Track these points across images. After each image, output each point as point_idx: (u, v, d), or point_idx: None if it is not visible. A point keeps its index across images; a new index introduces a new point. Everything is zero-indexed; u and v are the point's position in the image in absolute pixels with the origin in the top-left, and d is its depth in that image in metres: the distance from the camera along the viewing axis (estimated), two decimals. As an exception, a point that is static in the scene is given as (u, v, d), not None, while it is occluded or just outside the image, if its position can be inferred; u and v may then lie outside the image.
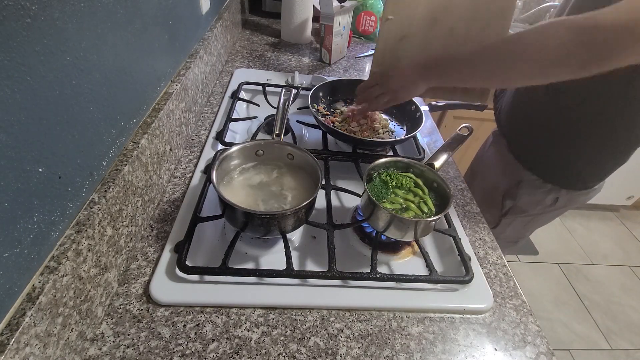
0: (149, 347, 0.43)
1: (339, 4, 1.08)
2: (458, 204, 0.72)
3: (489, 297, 0.54)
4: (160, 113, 0.58)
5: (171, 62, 0.67)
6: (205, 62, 0.84)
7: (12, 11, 0.29)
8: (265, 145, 0.59)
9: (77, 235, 0.38)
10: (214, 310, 0.47)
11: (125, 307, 0.46)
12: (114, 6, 0.45)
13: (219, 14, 1.01)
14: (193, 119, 0.77)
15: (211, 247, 0.55)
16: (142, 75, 0.55)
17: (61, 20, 0.35)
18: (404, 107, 0.86)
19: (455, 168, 0.81)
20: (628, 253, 2.04)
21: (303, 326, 0.47)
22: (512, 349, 0.49)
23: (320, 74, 1.08)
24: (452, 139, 0.66)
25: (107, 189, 0.44)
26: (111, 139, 0.47)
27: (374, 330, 0.48)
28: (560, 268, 1.89)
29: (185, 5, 0.73)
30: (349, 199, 0.68)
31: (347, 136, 0.73)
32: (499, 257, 0.62)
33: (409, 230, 0.53)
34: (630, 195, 2.15)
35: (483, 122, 1.69)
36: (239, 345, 0.44)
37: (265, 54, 1.16)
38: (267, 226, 0.50)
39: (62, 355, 0.37)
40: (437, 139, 0.90)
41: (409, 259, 0.59)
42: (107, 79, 0.45)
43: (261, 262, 0.55)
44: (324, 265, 0.53)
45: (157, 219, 0.57)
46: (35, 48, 0.32)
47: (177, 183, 0.64)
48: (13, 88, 0.30)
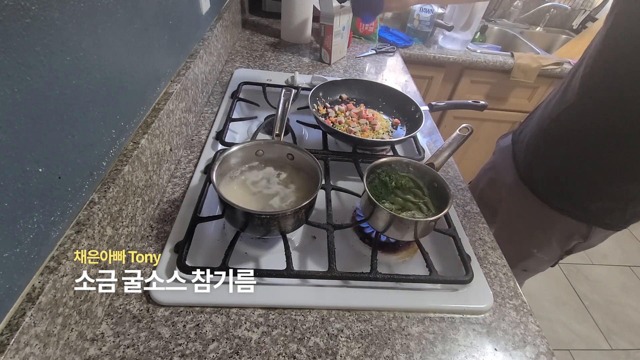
0: (149, 347, 0.43)
1: (339, 4, 1.08)
2: (458, 204, 0.72)
3: (489, 297, 0.54)
4: (160, 113, 0.58)
5: (171, 62, 0.67)
6: (205, 62, 0.84)
7: (12, 11, 0.29)
8: (265, 145, 0.59)
9: (77, 235, 0.38)
10: (214, 310, 0.47)
11: (125, 307, 0.46)
12: (114, 6, 0.45)
13: (219, 14, 1.01)
14: (193, 119, 0.77)
15: (211, 247, 0.55)
16: (142, 75, 0.55)
17: (61, 20, 0.35)
18: (404, 107, 0.86)
19: (455, 168, 0.81)
20: (628, 253, 2.04)
21: (303, 326, 0.47)
22: (512, 349, 0.49)
23: (320, 74, 1.08)
24: (452, 139, 0.66)
25: (107, 189, 0.44)
26: (111, 139, 0.47)
27: (374, 330, 0.48)
28: (560, 268, 1.89)
29: (185, 5, 0.73)
30: (349, 199, 0.68)
31: (347, 136, 0.73)
32: (499, 257, 0.62)
33: (409, 230, 0.53)
34: (631, 195, 2.15)
35: (483, 122, 1.69)
36: (239, 345, 0.44)
37: (265, 54, 1.16)
38: (267, 226, 0.50)
39: (62, 355, 0.37)
40: (437, 139, 0.90)
41: (409, 259, 0.59)
42: (107, 79, 0.45)
43: (261, 262, 0.55)
44: (324, 265, 0.53)
45: (157, 219, 0.57)
46: (35, 48, 0.32)
47: (177, 183, 0.64)
48: (13, 88, 0.30)
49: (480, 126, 1.70)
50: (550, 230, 0.78)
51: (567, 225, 0.75)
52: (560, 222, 0.75)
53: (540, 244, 0.82)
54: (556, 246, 0.80)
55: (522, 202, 0.82)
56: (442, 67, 1.51)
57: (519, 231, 0.84)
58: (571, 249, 0.79)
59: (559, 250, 0.81)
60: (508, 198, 0.87)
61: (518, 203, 0.84)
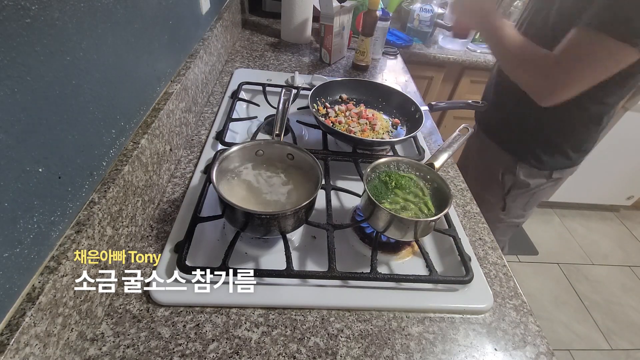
0: (149, 347, 0.43)
1: (339, 4, 1.09)
2: (458, 204, 0.72)
3: (489, 297, 0.54)
4: (160, 113, 0.58)
5: (171, 62, 0.67)
6: (205, 62, 0.84)
7: (12, 11, 0.29)
8: (265, 145, 0.59)
9: (77, 235, 0.38)
10: (214, 310, 0.47)
11: (125, 307, 0.46)
12: (114, 6, 0.45)
13: (219, 14, 1.01)
14: (193, 119, 0.77)
15: (211, 247, 0.55)
16: (142, 75, 0.55)
17: (61, 20, 0.35)
18: (404, 107, 0.86)
19: (455, 168, 0.81)
20: (628, 253, 2.03)
21: (303, 326, 0.47)
22: (512, 349, 0.49)
23: (320, 74, 1.08)
24: (452, 139, 0.66)
25: (107, 189, 0.44)
26: (111, 139, 0.47)
27: (374, 330, 0.48)
28: (560, 268, 1.89)
29: (185, 5, 0.73)
30: (349, 199, 0.68)
31: (347, 136, 0.73)
32: (499, 257, 0.62)
33: (409, 230, 0.53)
34: (630, 195, 2.15)
35: (483, 122, 1.69)
36: (239, 345, 0.44)
37: (265, 54, 1.16)
38: (267, 226, 0.50)
39: (62, 355, 0.37)
40: (437, 139, 0.90)
41: (409, 259, 0.59)
42: (107, 79, 0.45)
43: (261, 262, 0.55)
44: (324, 265, 0.53)
45: (157, 219, 0.57)
46: (35, 48, 0.32)
47: (177, 183, 0.64)
48: (13, 88, 0.30)
49: (480, 126, 1.70)
50: (490, 167, 0.96)
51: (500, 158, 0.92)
52: (496, 156, 0.93)
53: (486, 185, 0.97)
54: (497, 186, 0.95)
55: (478, 145, 1.01)
56: (442, 67, 1.51)
57: (475, 177, 0.98)
58: (509, 188, 0.93)
59: (499, 190, 0.95)
60: (472, 147, 1.06)
61: (475, 147, 1.03)
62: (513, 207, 0.97)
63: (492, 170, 0.96)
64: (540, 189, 0.92)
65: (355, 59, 1.16)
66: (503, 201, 0.96)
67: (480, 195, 0.92)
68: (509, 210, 0.98)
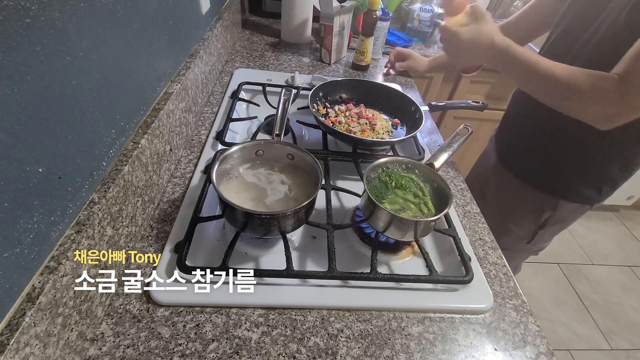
0: (149, 347, 0.43)
1: (339, 4, 1.09)
2: (458, 204, 0.72)
3: (489, 297, 0.54)
4: (160, 113, 0.58)
5: (171, 62, 0.67)
6: (205, 62, 0.84)
7: (12, 11, 0.29)
8: (265, 145, 0.59)
9: (77, 235, 0.38)
10: (214, 310, 0.47)
11: (125, 307, 0.46)
12: (113, 6, 0.45)
13: (219, 14, 1.01)
14: (193, 119, 0.77)
15: (211, 247, 0.55)
16: (142, 75, 0.55)
17: (61, 20, 0.35)
18: (404, 107, 0.86)
19: (455, 168, 0.81)
20: (628, 253, 2.03)
21: (303, 326, 0.47)
22: (512, 349, 0.49)
23: (320, 74, 1.08)
24: (452, 139, 0.66)
25: (107, 189, 0.44)
26: (111, 139, 0.47)
27: (374, 330, 0.48)
28: (560, 268, 1.89)
29: (185, 5, 0.73)
30: (349, 199, 0.67)
31: (347, 136, 0.73)
32: (499, 257, 0.62)
33: (409, 230, 0.53)
34: (630, 195, 2.15)
35: (483, 122, 1.69)
36: (239, 345, 0.44)
37: (265, 54, 1.16)
38: (267, 226, 0.50)
39: (62, 355, 0.37)
40: (437, 139, 0.90)
41: (409, 259, 0.59)
42: (107, 79, 0.45)
43: (261, 262, 0.55)
44: (324, 265, 0.53)
45: (157, 219, 0.57)
46: (35, 48, 0.32)
47: (177, 183, 0.64)
48: (13, 88, 0.30)
49: (480, 126, 1.70)
50: (522, 204, 0.87)
51: (537, 197, 0.83)
52: (531, 195, 0.84)
53: (515, 219, 0.89)
54: (529, 220, 0.87)
55: (501, 180, 0.92)
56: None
57: (500, 209, 0.91)
58: (544, 223, 0.86)
59: (532, 224, 0.87)
60: (491, 179, 0.97)
61: (498, 181, 0.94)
62: (541, 239, 0.91)
63: (523, 205, 0.87)
64: (575, 217, 0.87)
65: (355, 59, 1.16)
66: (534, 234, 0.89)
67: (503, 224, 0.88)
68: (536, 241, 0.91)
